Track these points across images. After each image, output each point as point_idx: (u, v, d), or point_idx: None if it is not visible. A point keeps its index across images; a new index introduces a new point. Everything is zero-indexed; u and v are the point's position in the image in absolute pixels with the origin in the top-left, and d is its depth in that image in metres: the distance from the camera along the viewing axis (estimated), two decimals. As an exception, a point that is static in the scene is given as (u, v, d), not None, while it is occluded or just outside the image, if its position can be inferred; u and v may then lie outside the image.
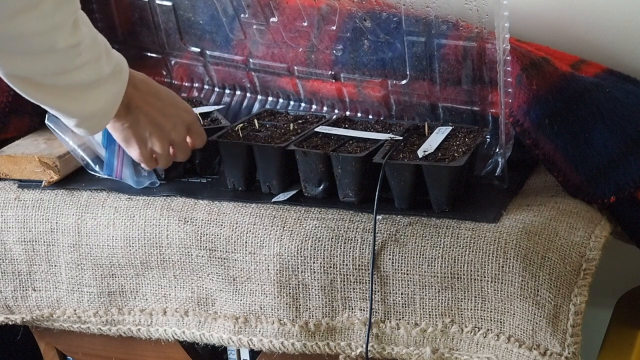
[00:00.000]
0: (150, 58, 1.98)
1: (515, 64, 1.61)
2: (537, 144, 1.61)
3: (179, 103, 1.63)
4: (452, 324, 1.53)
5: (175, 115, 1.60)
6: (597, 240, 1.54)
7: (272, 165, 1.64)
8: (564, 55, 1.78)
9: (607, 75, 1.74)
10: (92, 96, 1.49)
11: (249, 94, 1.92)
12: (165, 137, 1.60)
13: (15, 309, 1.73)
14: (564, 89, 1.61)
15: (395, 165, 1.56)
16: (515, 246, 1.49)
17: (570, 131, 1.60)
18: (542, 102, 1.60)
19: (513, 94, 1.60)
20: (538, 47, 1.76)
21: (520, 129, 1.61)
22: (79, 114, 1.51)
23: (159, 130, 1.59)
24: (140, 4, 1.92)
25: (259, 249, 1.59)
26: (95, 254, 1.67)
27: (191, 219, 1.63)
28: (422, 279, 1.52)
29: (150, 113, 1.58)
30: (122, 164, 1.69)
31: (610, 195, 1.60)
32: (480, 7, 1.59)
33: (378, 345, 1.57)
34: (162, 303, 1.67)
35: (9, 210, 1.71)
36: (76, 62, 1.44)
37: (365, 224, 1.56)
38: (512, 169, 1.66)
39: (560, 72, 1.63)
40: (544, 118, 1.60)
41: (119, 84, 1.52)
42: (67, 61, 1.43)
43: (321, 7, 1.74)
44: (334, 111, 1.83)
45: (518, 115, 1.61)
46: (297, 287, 1.58)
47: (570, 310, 1.48)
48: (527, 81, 1.60)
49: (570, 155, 1.60)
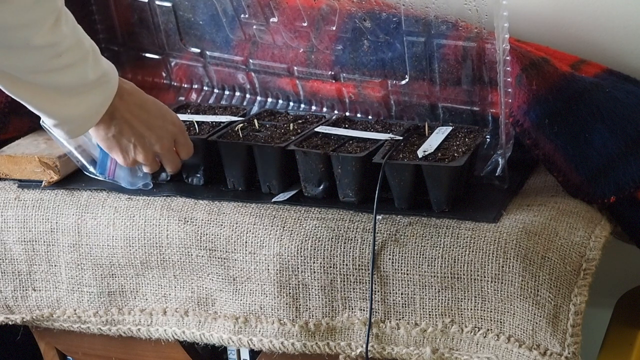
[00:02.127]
0: (150, 59, 1.98)
1: (515, 64, 1.61)
2: (537, 144, 1.61)
3: (166, 114, 1.62)
4: (452, 324, 1.53)
5: (160, 128, 1.60)
6: (597, 240, 1.54)
7: (272, 165, 1.64)
8: (564, 55, 1.78)
9: (607, 75, 1.74)
10: (72, 101, 1.49)
11: (248, 95, 1.92)
12: (148, 149, 1.60)
13: (15, 309, 1.73)
14: (563, 89, 1.61)
15: (395, 165, 1.56)
16: (515, 246, 1.49)
17: (570, 131, 1.60)
18: (542, 102, 1.60)
19: (513, 94, 1.61)
20: (538, 47, 1.76)
21: (520, 129, 1.61)
22: (57, 116, 1.50)
23: (142, 141, 1.59)
24: (139, 5, 1.92)
25: (259, 249, 1.59)
26: (95, 254, 1.67)
27: (191, 219, 1.63)
28: (422, 279, 1.52)
29: (135, 124, 1.58)
30: (116, 165, 1.68)
31: (610, 195, 1.60)
32: (479, 7, 1.59)
33: (378, 345, 1.57)
34: (162, 303, 1.67)
35: (9, 210, 1.71)
36: (55, 63, 1.43)
37: (365, 224, 1.56)
38: (512, 169, 1.66)
39: (560, 72, 1.63)
40: (544, 118, 1.60)
41: (104, 94, 1.52)
42: (44, 60, 1.43)
43: (321, 8, 1.74)
44: (333, 111, 1.83)
45: (518, 116, 1.61)
46: (297, 287, 1.58)
47: (570, 310, 1.48)
48: (527, 81, 1.60)
49: (570, 155, 1.60)
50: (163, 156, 1.63)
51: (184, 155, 1.65)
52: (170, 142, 1.62)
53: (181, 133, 1.64)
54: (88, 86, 1.48)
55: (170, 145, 1.63)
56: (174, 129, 1.62)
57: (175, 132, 1.63)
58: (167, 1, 1.89)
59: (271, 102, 1.90)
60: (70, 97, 1.48)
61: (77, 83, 1.47)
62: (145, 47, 1.97)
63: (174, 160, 1.65)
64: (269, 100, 1.90)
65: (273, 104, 1.89)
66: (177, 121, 1.64)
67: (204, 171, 1.70)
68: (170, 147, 1.63)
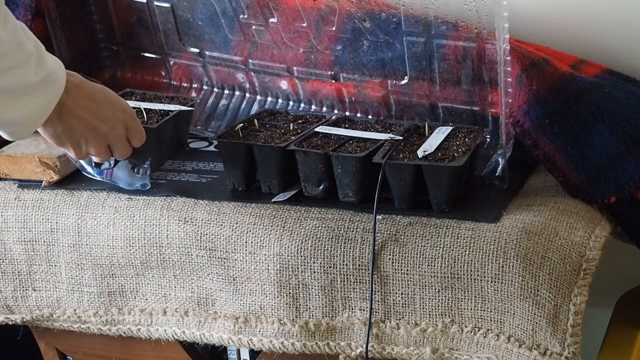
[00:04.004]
0: (149, 59, 1.98)
1: (515, 64, 1.61)
2: (537, 144, 1.61)
3: (115, 102, 1.57)
4: (452, 323, 1.53)
5: (111, 117, 1.55)
6: (597, 240, 1.54)
7: (272, 165, 1.64)
8: (563, 55, 1.78)
9: (607, 76, 1.74)
10: (14, 104, 1.43)
11: (248, 95, 1.92)
12: (101, 141, 1.56)
13: (15, 309, 1.73)
14: (563, 89, 1.61)
15: (395, 165, 1.56)
16: (515, 246, 1.49)
17: (570, 131, 1.60)
18: (542, 103, 1.60)
19: (513, 94, 1.61)
20: (538, 48, 1.76)
21: (520, 129, 1.61)
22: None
23: (94, 134, 1.54)
24: (138, 5, 1.92)
25: (259, 248, 1.59)
26: (95, 254, 1.67)
27: (191, 218, 1.63)
28: (422, 279, 1.53)
29: (85, 118, 1.52)
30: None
31: (610, 195, 1.60)
32: (479, 7, 1.59)
33: (378, 345, 1.57)
34: (162, 303, 1.67)
35: (9, 210, 1.71)
36: None
37: (365, 224, 1.56)
38: (512, 169, 1.66)
39: (560, 72, 1.63)
40: (544, 118, 1.60)
41: (50, 95, 1.46)
42: None
43: (320, 8, 1.74)
44: (333, 111, 1.83)
45: (518, 116, 1.61)
46: (297, 287, 1.58)
47: (570, 310, 1.48)
48: (527, 81, 1.60)
49: (571, 155, 1.60)
50: (115, 145, 1.58)
51: (136, 142, 1.60)
52: (122, 131, 1.58)
53: (132, 120, 1.59)
54: (31, 88, 1.43)
55: (122, 134, 1.58)
56: (124, 117, 1.57)
57: (126, 120, 1.58)
58: (165, 2, 1.89)
59: (271, 102, 1.90)
60: (13, 100, 1.42)
61: (18, 86, 1.41)
62: (145, 47, 1.97)
63: (125, 147, 1.60)
64: (269, 100, 1.90)
65: (273, 104, 1.89)
66: (127, 108, 1.59)
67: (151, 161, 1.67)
68: (122, 136, 1.58)
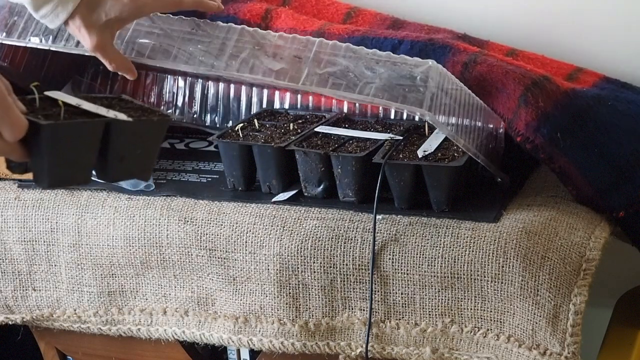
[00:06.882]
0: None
1: (517, 85, 1.59)
2: (551, 157, 1.58)
3: None
4: (452, 323, 1.53)
5: None
6: (597, 241, 1.54)
7: (272, 165, 1.64)
8: (560, 64, 1.78)
9: (605, 84, 1.74)
10: None
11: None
12: None
13: (15, 308, 1.74)
14: (567, 106, 1.59)
15: (395, 165, 1.56)
16: (515, 246, 1.49)
17: (581, 145, 1.58)
18: (551, 118, 1.57)
19: (517, 114, 1.59)
20: (533, 56, 1.76)
21: (531, 146, 1.59)
22: None
23: None
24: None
25: (259, 248, 1.59)
26: (95, 254, 1.67)
27: (191, 218, 1.63)
28: (422, 278, 1.53)
29: None
30: None
31: (620, 209, 1.59)
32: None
33: (378, 345, 1.57)
34: (162, 303, 1.67)
35: (9, 210, 1.71)
36: None
37: (365, 223, 1.56)
38: (512, 169, 1.66)
39: (562, 89, 1.61)
40: (556, 132, 1.58)
41: None
42: None
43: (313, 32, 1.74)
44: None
45: (527, 133, 1.58)
46: (297, 287, 1.58)
47: (570, 310, 1.48)
48: (532, 99, 1.58)
49: (585, 169, 1.58)
50: None
51: (9, 136, 1.14)
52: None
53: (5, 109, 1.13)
54: None
55: None
56: None
57: None
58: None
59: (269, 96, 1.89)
60: None
61: None
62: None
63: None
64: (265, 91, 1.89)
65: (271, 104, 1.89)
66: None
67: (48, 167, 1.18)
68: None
